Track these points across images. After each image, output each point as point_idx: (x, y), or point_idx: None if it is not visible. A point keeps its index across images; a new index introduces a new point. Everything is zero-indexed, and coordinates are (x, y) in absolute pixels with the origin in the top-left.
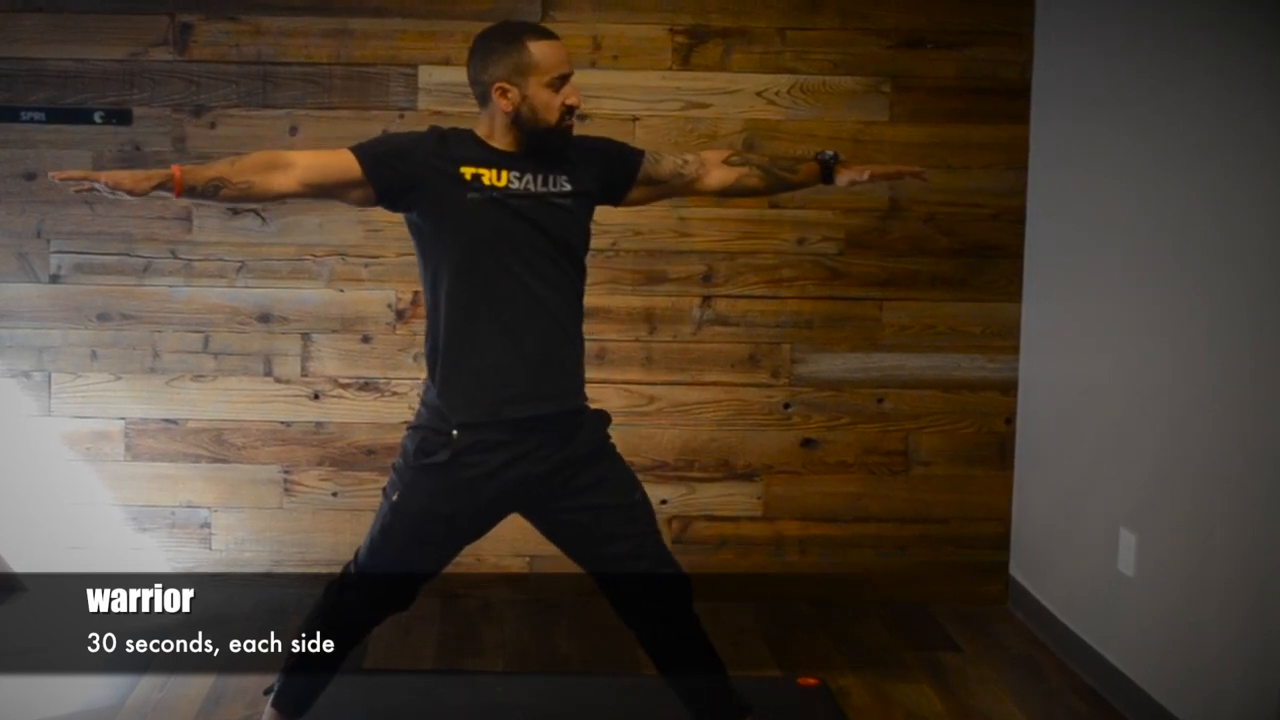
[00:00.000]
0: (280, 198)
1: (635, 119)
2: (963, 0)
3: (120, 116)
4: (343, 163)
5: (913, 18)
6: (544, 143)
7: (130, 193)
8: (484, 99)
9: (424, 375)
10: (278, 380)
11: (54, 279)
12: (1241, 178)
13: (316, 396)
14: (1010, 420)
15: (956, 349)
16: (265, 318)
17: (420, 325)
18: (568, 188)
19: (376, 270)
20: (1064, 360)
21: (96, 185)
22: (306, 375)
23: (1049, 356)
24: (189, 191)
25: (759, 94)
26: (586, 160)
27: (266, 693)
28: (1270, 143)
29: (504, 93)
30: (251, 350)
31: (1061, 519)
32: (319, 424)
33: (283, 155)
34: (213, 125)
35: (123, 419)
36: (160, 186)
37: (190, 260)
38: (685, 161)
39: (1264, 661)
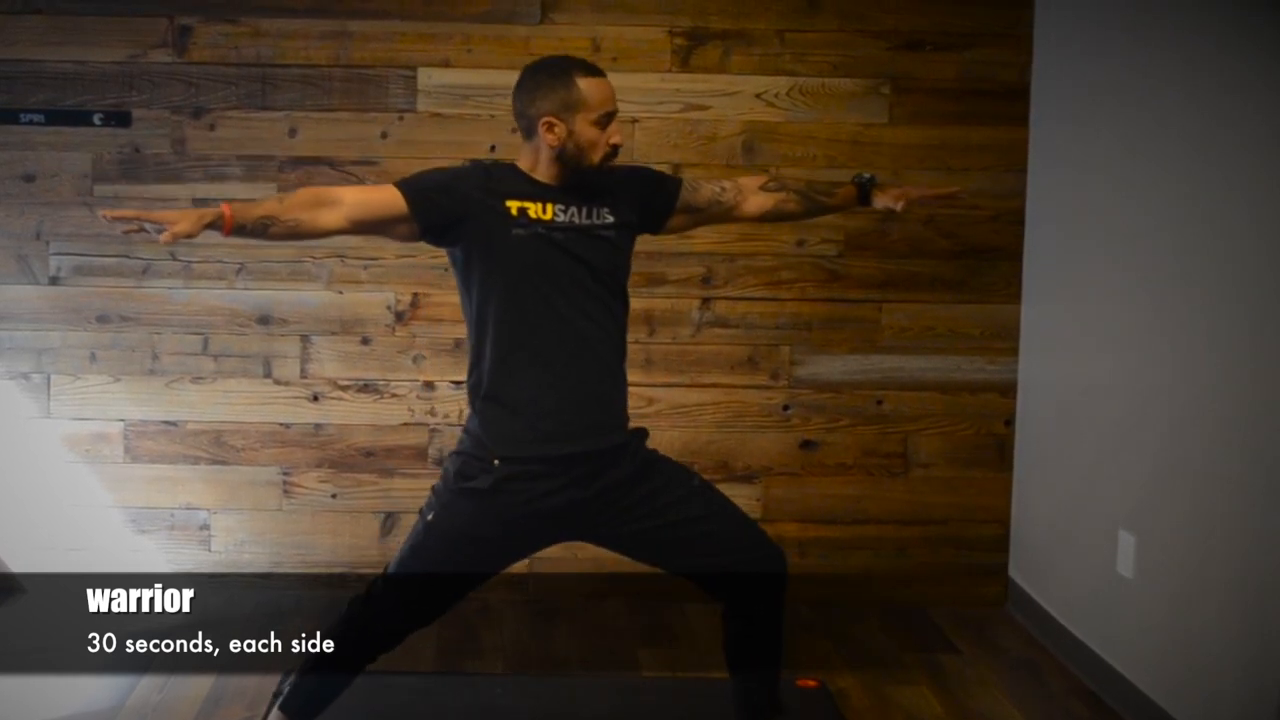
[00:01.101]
0: (328, 234)
1: (635, 121)
2: (962, 2)
3: (119, 118)
4: (389, 198)
5: (912, 20)
6: (584, 180)
7: (184, 235)
8: (529, 132)
9: (423, 377)
10: (277, 382)
11: (53, 281)
12: (1241, 178)
13: (316, 398)
14: (1009, 422)
15: (956, 351)
16: (264, 320)
17: (420, 327)
18: (610, 219)
19: (376, 272)
20: (1064, 361)
21: (146, 226)
22: (306, 377)
23: (1048, 358)
24: (238, 230)
25: (758, 96)
26: (626, 191)
27: (275, 696)
28: (1269, 143)
29: (550, 127)
30: (251, 352)
31: (1061, 521)
32: (318, 426)
33: (330, 192)
34: (212, 127)
35: (122, 421)
36: (210, 225)
37: (189, 262)
38: (723, 189)
39: (1263, 662)
